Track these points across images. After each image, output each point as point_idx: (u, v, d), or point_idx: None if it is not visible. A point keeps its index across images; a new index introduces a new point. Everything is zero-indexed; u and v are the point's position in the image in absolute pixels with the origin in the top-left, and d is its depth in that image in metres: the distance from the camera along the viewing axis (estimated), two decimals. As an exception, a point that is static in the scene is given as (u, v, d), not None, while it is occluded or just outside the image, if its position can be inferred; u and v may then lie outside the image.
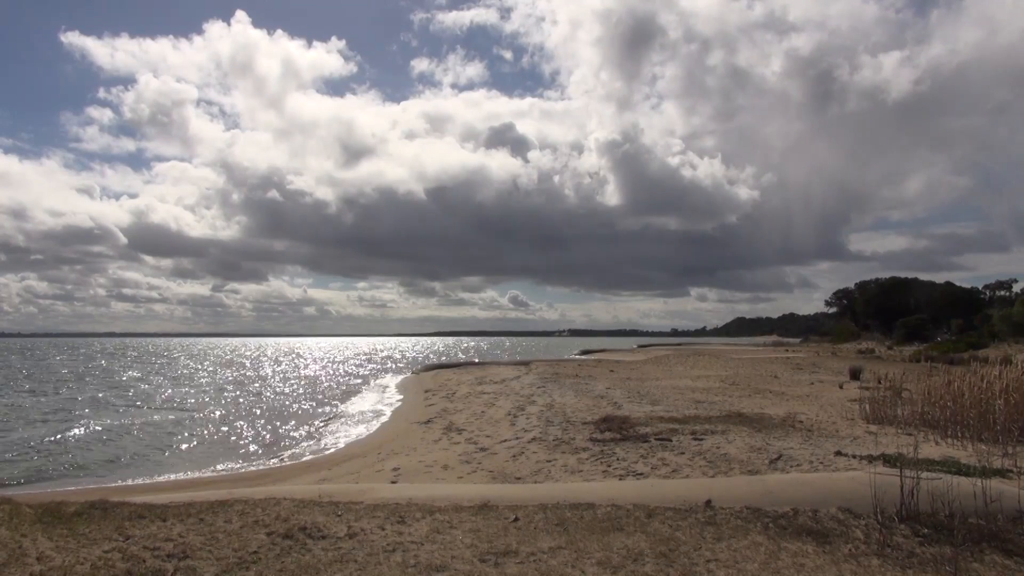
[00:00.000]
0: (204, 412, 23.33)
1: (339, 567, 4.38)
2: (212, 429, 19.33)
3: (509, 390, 24.50)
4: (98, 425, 19.54)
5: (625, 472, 9.15)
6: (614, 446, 11.08)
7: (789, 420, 13.85)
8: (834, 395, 19.61)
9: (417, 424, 17.72)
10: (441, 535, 5.08)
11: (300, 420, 21.25)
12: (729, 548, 4.81)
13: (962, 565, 4.59)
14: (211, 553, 4.58)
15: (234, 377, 43.64)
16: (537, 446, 11.85)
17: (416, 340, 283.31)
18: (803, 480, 7.01)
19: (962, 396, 11.41)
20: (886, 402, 13.71)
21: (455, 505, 5.99)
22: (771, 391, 21.29)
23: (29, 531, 4.92)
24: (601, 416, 14.28)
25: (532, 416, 16.18)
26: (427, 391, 28.09)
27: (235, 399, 28.39)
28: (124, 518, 5.34)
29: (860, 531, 5.21)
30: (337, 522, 5.36)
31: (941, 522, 5.30)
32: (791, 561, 4.60)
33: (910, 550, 4.86)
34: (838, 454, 9.43)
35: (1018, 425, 10.59)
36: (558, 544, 4.87)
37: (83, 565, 4.28)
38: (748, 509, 5.71)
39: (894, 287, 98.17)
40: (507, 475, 9.88)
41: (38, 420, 20.85)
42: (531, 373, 33.62)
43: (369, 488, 7.18)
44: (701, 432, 11.99)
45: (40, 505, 5.68)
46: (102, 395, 29.74)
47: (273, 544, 4.80)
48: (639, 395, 20.32)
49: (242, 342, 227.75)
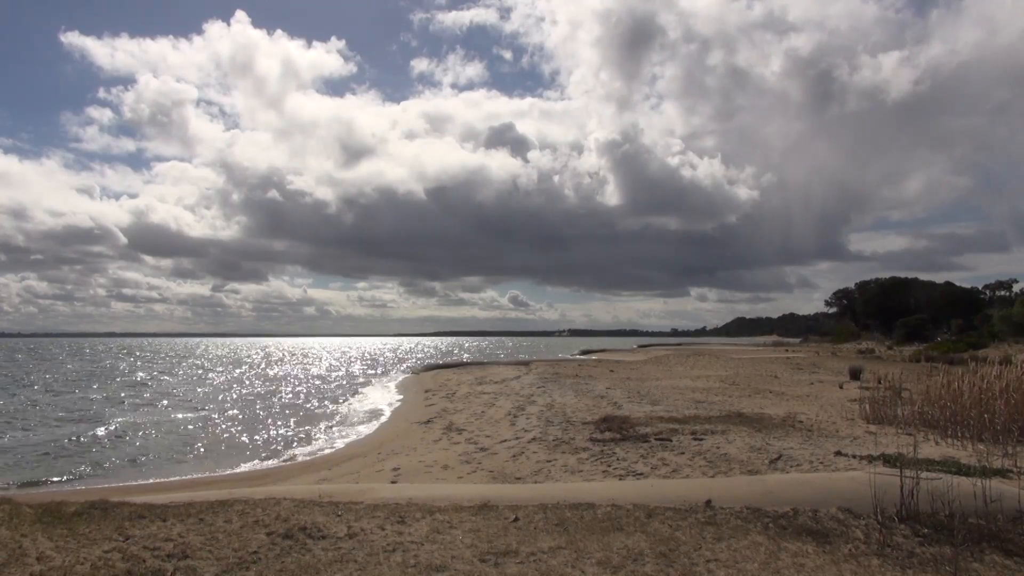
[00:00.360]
0: (204, 412, 23.33)
1: (339, 567, 4.38)
2: (212, 429, 19.34)
3: (509, 390, 24.51)
4: (98, 425, 19.56)
5: (625, 472, 9.15)
6: (614, 446, 11.08)
7: (789, 420, 13.85)
8: (834, 395, 19.61)
9: (417, 424, 17.73)
10: (441, 535, 5.08)
11: (300, 420, 21.27)
12: (729, 548, 4.81)
13: (962, 565, 4.59)
14: (211, 553, 4.58)
15: (234, 377, 43.65)
16: (537, 446, 11.86)
17: (416, 340, 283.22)
18: (803, 480, 7.02)
19: (962, 396, 11.41)
20: (886, 402, 13.71)
21: (455, 505, 5.99)
22: (771, 391, 21.30)
23: (29, 531, 4.92)
24: (601, 416, 14.30)
25: (532, 416, 16.18)
26: (427, 391, 28.11)
27: (234, 400, 28.39)
28: (124, 518, 5.34)
29: (860, 531, 5.21)
30: (337, 522, 5.36)
31: (941, 522, 5.30)
32: (791, 561, 4.60)
33: (910, 550, 4.86)
34: (838, 454, 9.44)
35: (1018, 425, 10.59)
36: (558, 544, 4.87)
37: (83, 565, 4.28)
38: (748, 509, 5.71)
39: (894, 287, 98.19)
40: (507, 475, 9.88)
41: (38, 422, 20.87)
42: (531, 373, 33.62)
43: (369, 488, 7.18)
44: (701, 432, 11.99)
45: (40, 505, 5.68)
46: (104, 396, 29.75)
47: (273, 544, 4.80)
48: (639, 395, 20.32)
49: (242, 342, 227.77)
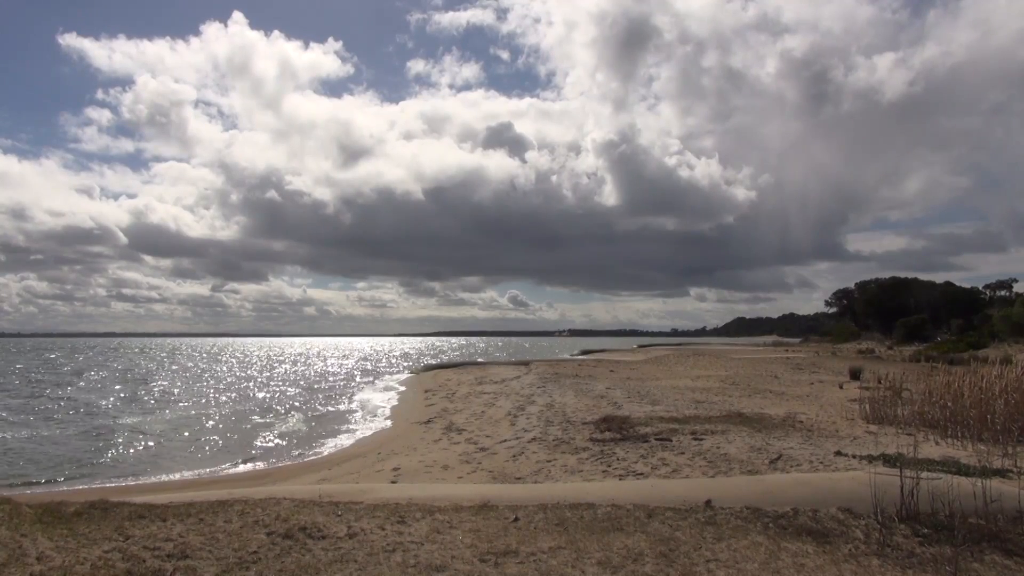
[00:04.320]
0: (204, 412, 23.33)
1: (339, 567, 4.38)
2: (212, 429, 19.34)
3: (509, 390, 24.51)
4: (98, 425, 19.54)
5: (625, 472, 9.14)
6: (614, 446, 11.08)
7: (789, 420, 13.84)
8: (834, 395, 19.61)
9: (417, 424, 17.73)
10: (441, 535, 5.08)
11: (300, 420, 21.25)
12: (729, 548, 4.81)
13: (962, 565, 4.59)
14: (211, 553, 4.58)
15: (233, 377, 43.64)
16: (537, 446, 11.85)
17: (416, 340, 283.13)
18: (803, 480, 7.01)
19: (962, 396, 11.42)
20: (886, 402, 13.71)
21: (455, 505, 5.99)
22: (771, 391, 21.29)
23: (29, 531, 4.92)
24: (601, 416, 14.29)
25: (532, 416, 16.18)
26: (427, 391, 28.11)
27: (234, 399, 28.39)
28: (124, 518, 5.34)
29: (860, 531, 5.21)
30: (337, 522, 5.36)
31: (941, 522, 5.30)
32: (791, 561, 4.60)
33: (910, 550, 4.86)
34: (838, 454, 9.43)
35: (1018, 425, 10.59)
36: (558, 544, 4.87)
37: (83, 565, 4.27)
38: (748, 509, 5.71)
39: (894, 287, 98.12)
40: (507, 475, 9.88)
41: (37, 422, 20.86)
42: (531, 373, 33.62)
43: (369, 488, 7.17)
44: (701, 432, 11.99)
45: (40, 505, 5.68)
46: (103, 395, 29.74)
47: (273, 544, 4.80)
48: (639, 395, 20.31)
49: (242, 342, 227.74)
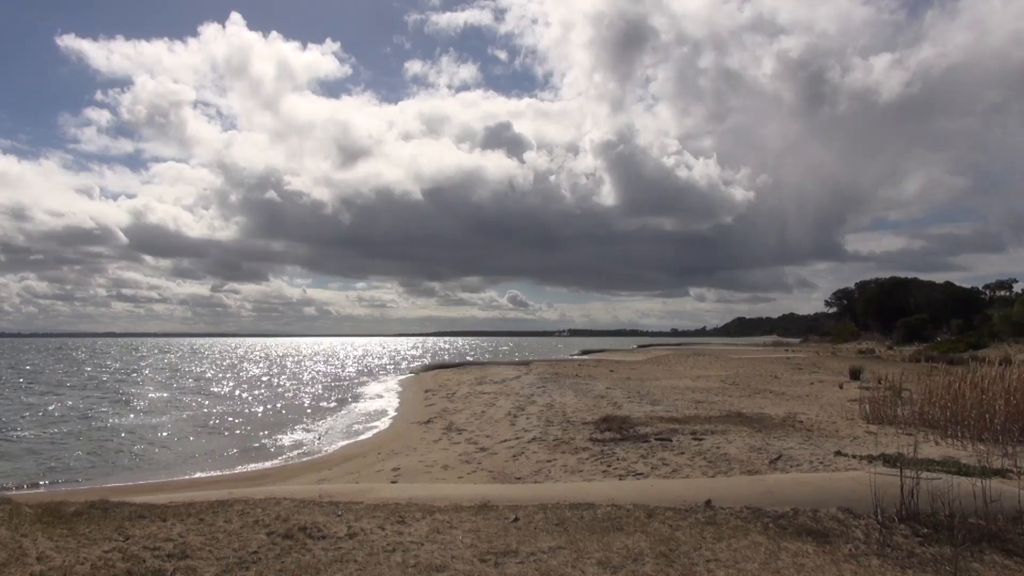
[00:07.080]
0: (203, 412, 23.33)
1: (339, 567, 4.38)
2: (212, 429, 19.34)
3: (509, 390, 24.50)
4: (98, 425, 19.55)
5: (625, 472, 9.14)
6: (614, 446, 11.08)
7: (789, 420, 13.84)
8: (834, 395, 19.60)
9: (417, 424, 17.73)
10: (441, 535, 5.08)
11: (300, 420, 21.26)
12: (729, 548, 4.81)
13: (962, 565, 4.59)
14: (211, 553, 4.58)
15: (233, 377, 43.65)
16: (537, 446, 11.85)
17: (416, 340, 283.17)
18: (803, 480, 7.02)
19: (962, 396, 11.40)
20: (886, 402, 13.70)
21: (455, 505, 5.99)
22: (771, 391, 21.29)
23: (29, 531, 4.92)
24: (601, 416, 14.30)
25: (532, 416, 16.18)
26: (427, 391, 28.10)
27: (234, 399, 28.39)
28: (124, 518, 5.34)
29: (860, 531, 5.21)
30: (337, 522, 5.36)
31: (941, 522, 5.30)
32: (791, 561, 4.60)
33: (910, 550, 4.86)
34: (838, 454, 9.43)
35: (1018, 425, 10.59)
36: (558, 544, 4.87)
37: (83, 565, 4.27)
38: (748, 509, 5.71)
39: (894, 287, 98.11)
40: (507, 475, 9.88)
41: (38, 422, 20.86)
42: (531, 373, 33.61)
43: (369, 488, 7.17)
44: (701, 432, 11.99)
45: (40, 505, 5.68)
46: (103, 395, 29.74)
47: (273, 544, 4.80)
48: (639, 395, 20.31)
49: (242, 342, 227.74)
